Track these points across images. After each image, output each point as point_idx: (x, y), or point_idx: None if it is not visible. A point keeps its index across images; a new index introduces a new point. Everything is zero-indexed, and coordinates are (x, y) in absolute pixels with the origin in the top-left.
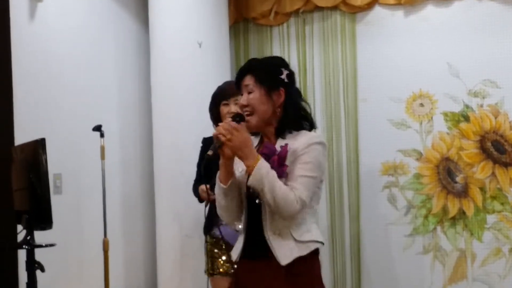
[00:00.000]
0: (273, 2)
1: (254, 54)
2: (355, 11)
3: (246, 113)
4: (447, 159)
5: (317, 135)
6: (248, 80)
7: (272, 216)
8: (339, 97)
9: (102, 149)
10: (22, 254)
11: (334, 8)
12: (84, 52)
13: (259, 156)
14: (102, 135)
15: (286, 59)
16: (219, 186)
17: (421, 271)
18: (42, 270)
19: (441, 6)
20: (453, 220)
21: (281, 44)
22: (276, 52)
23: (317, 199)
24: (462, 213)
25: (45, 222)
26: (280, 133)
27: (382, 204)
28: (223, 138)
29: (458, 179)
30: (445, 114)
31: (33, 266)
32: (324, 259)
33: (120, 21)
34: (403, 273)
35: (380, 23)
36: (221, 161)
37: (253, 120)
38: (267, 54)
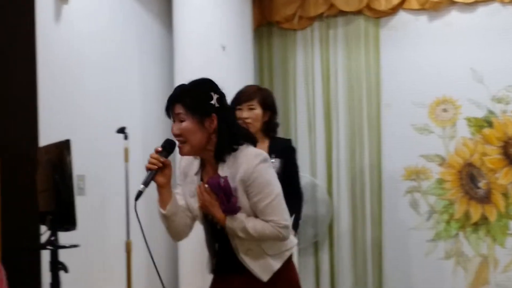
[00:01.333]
0: (297, 6)
1: (277, 58)
2: (379, 15)
3: (179, 141)
4: (470, 164)
5: (254, 153)
6: (178, 109)
7: (235, 239)
8: (362, 102)
9: (126, 151)
10: (46, 255)
11: (358, 12)
12: (109, 54)
13: (221, 219)
14: (125, 137)
15: (310, 64)
16: (159, 211)
17: (443, 276)
18: (66, 270)
19: (465, 11)
20: (476, 225)
21: (304, 48)
22: (300, 57)
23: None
24: (484, 219)
25: (69, 223)
26: (219, 158)
27: (404, 209)
28: (154, 167)
29: (481, 184)
30: (469, 120)
31: (57, 266)
32: (346, 263)
33: (144, 24)
34: (424, 278)
35: (404, 28)
36: (157, 188)
37: (185, 148)
38: (291, 58)
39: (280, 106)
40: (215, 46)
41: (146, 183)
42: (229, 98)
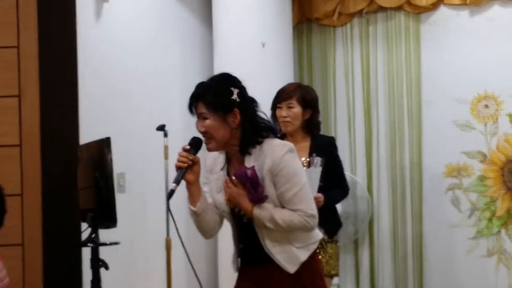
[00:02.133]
0: (337, 3)
1: (317, 54)
2: (419, 11)
3: (205, 138)
4: None
5: (281, 144)
6: (201, 108)
7: (267, 229)
8: (402, 99)
9: (166, 148)
10: (86, 252)
11: (398, 8)
12: (148, 51)
13: (248, 208)
14: (165, 135)
15: (349, 60)
16: (189, 208)
17: (485, 274)
18: (106, 268)
19: (507, 6)
20: None
21: (344, 45)
22: (340, 53)
23: None
24: None
25: (110, 220)
26: (244, 151)
27: (445, 206)
28: (184, 165)
29: None
30: (510, 116)
31: (98, 264)
32: (386, 261)
33: (184, 21)
34: (466, 276)
35: (445, 23)
36: (186, 186)
37: (212, 144)
38: (330, 54)
39: (320, 103)
40: (255, 43)
41: (177, 182)
42: (270, 96)
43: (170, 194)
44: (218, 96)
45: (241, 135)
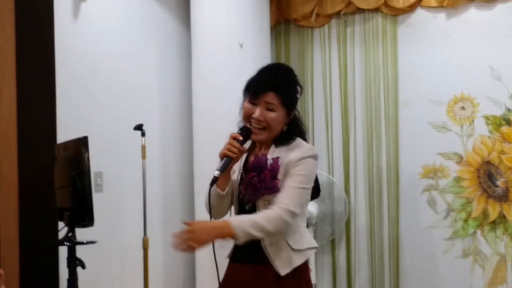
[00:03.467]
0: (315, 4)
1: (294, 55)
2: (396, 13)
3: (259, 127)
4: (488, 162)
5: (310, 147)
6: (271, 98)
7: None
8: (379, 100)
9: (143, 148)
10: (63, 251)
11: (376, 10)
12: (126, 51)
13: (225, 222)
14: (143, 134)
15: (327, 61)
16: (216, 192)
17: (461, 275)
18: (83, 267)
19: (483, 8)
20: (493, 224)
21: (322, 46)
22: (317, 54)
23: (306, 205)
24: (502, 217)
25: (87, 219)
26: (278, 143)
27: (421, 207)
28: (234, 156)
29: (499, 183)
30: (487, 118)
31: (74, 262)
32: (363, 261)
33: (162, 21)
34: (442, 276)
35: (422, 25)
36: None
37: (263, 135)
38: (308, 55)
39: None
40: (233, 43)
41: (222, 170)
42: None
43: (214, 181)
44: (291, 92)
45: (286, 131)
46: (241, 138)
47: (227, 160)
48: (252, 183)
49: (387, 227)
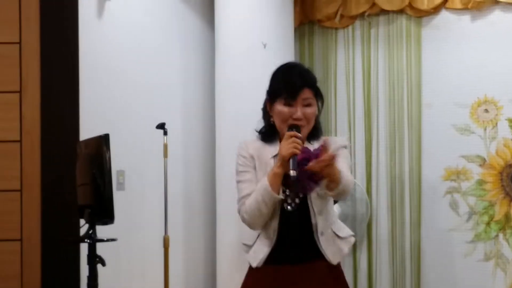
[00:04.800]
0: (339, 5)
1: (318, 56)
2: (421, 15)
3: (299, 125)
4: (511, 166)
5: (342, 138)
6: (308, 94)
7: (318, 217)
8: (403, 101)
9: (165, 147)
10: (84, 248)
11: (400, 11)
12: (150, 50)
13: None
14: (165, 133)
15: (351, 63)
16: (272, 197)
17: (482, 278)
18: (103, 264)
19: (508, 10)
20: None
21: (345, 47)
22: (341, 55)
23: None
24: None
25: (107, 217)
26: (312, 139)
27: (443, 209)
28: (298, 152)
29: None
30: (510, 121)
31: (94, 260)
32: (384, 263)
33: (186, 20)
34: (463, 280)
35: (446, 27)
36: (280, 171)
37: (303, 132)
38: (332, 57)
39: None
40: (256, 44)
41: (296, 169)
42: None
43: (295, 182)
44: (317, 84)
45: (315, 125)
46: (300, 135)
47: (295, 158)
48: (306, 175)
49: (408, 229)
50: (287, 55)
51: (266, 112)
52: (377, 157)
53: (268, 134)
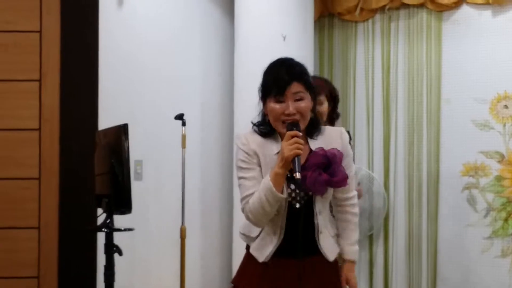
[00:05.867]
0: None
1: (338, 49)
2: (442, 9)
3: (292, 120)
4: None
5: (342, 130)
6: (298, 87)
7: (319, 217)
8: (422, 96)
9: (183, 137)
10: (101, 237)
11: (421, 5)
12: (170, 40)
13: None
14: (183, 124)
15: (370, 56)
16: (277, 197)
17: (499, 275)
18: (120, 253)
19: None
20: None
21: (365, 40)
22: (360, 49)
23: None
24: None
25: (125, 206)
26: (312, 134)
27: (461, 205)
28: (301, 153)
29: None
30: None
31: (111, 249)
32: (400, 257)
33: (206, 11)
34: (480, 276)
35: (467, 22)
36: (283, 171)
37: (301, 127)
38: (351, 50)
39: (339, 98)
40: (276, 35)
41: (300, 170)
42: None
43: (300, 184)
44: (308, 77)
45: (313, 119)
46: (301, 134)
47: (299, 159)
48: (321, 179)
49: (425, 224)
50: (306, 48)
51: (261, 110)
52: (395, 151)
53: (266, 131)
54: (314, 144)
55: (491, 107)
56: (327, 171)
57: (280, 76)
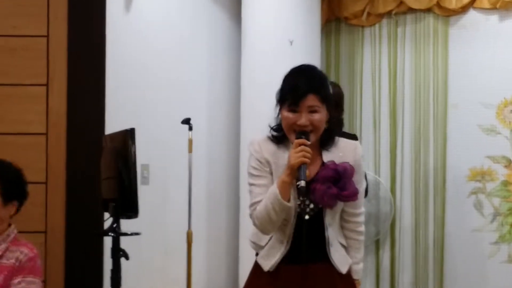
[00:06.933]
0: (366, 3)
1: (345, 54)
2: (449, 14)
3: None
4: None
5: (356, 143)
6: (313, 101)
7: (329, 229)
8: (428, 101)
9: (190, 142)
10: (107, 242)
11: (428, 10)
12: (177, 45)
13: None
14: (190, 128)
15: (377, 61)
16: (283, 205)
17: (506, 280)
18: (127, 258)
19: None
20: None
21: (372, 45)
22: (367, 53)
23: None
24: None
25: (131, 211)
26: (326, 145)
27: (468, 210)
28: (308, 161)
29: None
30: None
31: (118, 253)
32: (407, 262)
33: (213, 16)
34: (487, 281)
35: (474, 27)
36: (289, 179)
37: (311, 139)
38: (358, 54)
39: (346, 103)
40: (283, 40)
41: (305, 178)
42: None
43: (303, 191)
44: (327, 88)
45: (327, 129)
46: (309, 142)
47: (305, 167)
48: (330, 192)
49: (432, 229)
50: (313, 53)
51: (278, 113)
52: (401, 156)
53: (280, 136)
54: (327, 157)
55: (498, 111)
56: (337, 184)
57: (298, 86)
